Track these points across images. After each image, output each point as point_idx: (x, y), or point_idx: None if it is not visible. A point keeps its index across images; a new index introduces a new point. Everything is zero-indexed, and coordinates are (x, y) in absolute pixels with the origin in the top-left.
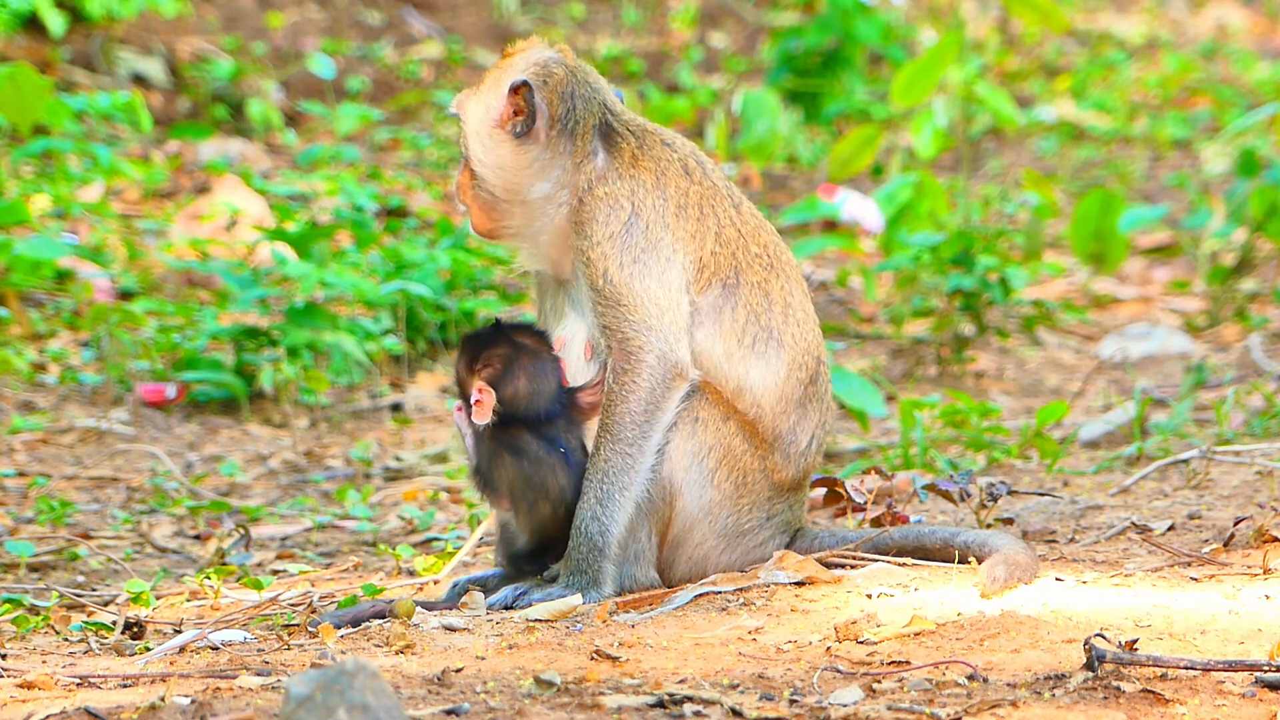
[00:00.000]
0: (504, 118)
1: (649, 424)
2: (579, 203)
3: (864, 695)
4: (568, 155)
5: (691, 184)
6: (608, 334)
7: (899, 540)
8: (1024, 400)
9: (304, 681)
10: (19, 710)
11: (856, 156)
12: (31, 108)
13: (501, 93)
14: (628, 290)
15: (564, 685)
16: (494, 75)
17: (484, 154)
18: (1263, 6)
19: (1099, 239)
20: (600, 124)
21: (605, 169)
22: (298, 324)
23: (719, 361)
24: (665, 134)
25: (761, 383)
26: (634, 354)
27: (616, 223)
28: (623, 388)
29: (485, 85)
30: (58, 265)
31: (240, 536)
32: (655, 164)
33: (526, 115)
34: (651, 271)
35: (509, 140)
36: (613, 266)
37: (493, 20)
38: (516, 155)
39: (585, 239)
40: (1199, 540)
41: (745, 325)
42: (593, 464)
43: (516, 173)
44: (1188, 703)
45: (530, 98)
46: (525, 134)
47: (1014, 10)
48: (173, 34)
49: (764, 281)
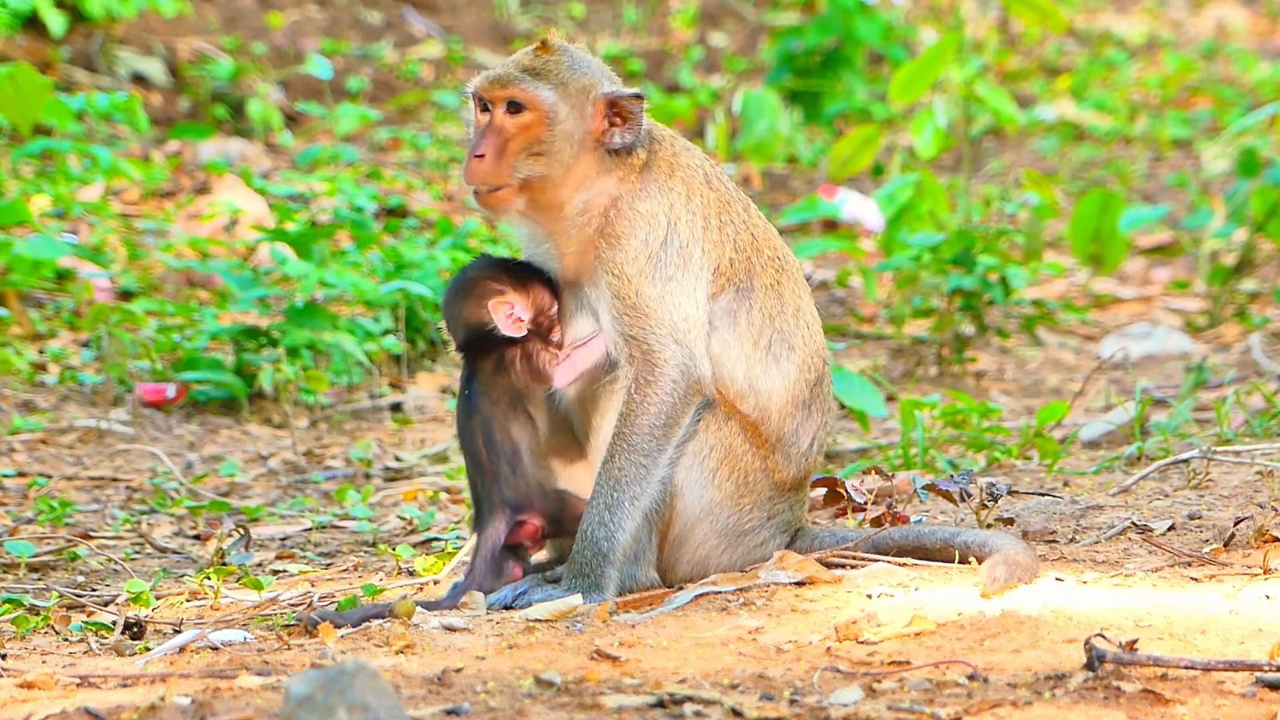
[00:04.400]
0: (598, 128)
1: (666, 436)
2: (616, 214)
3: (864, 695)
4: (622, 166)
5: (712, 192)
6: (631, 343)
7: (899, 540)
8: (1024, 400)
9: (304, 681)
10: (19, 710)
11: (857, 156)
12: (31, 108)
13: (593, 99)
14: (658, 305)
15: (564, 685)
16: (569, 75)
17: (568, 158)
18: (1263, 6)
19: (1098, 239)
20: (648, 133)
21: (646, 182)
22: (298, 324)
23: (732, 365)
24: (678, 137)
25: (771, 386)
26: (659, 366)
27: (655, 241)
28: (644, 398)
29: (565, 83)
30: (58, 265)
31: (240, 536)
32: (686, 173)
33: (626, 129)
34: (684, 289)
35: (594, 150)
36: (646, 283)
37: (493, 20)
38: (591, 166)
39: (620, 251)
40: (1199, 540)
41: (761, 329)
42: (605, 470)
43: (579, 182)
44: (1188, 703)
45: (637, 112)
46: (620, 149)
47: (1014, 10)
48: (173, 34)
49: (777, 284)
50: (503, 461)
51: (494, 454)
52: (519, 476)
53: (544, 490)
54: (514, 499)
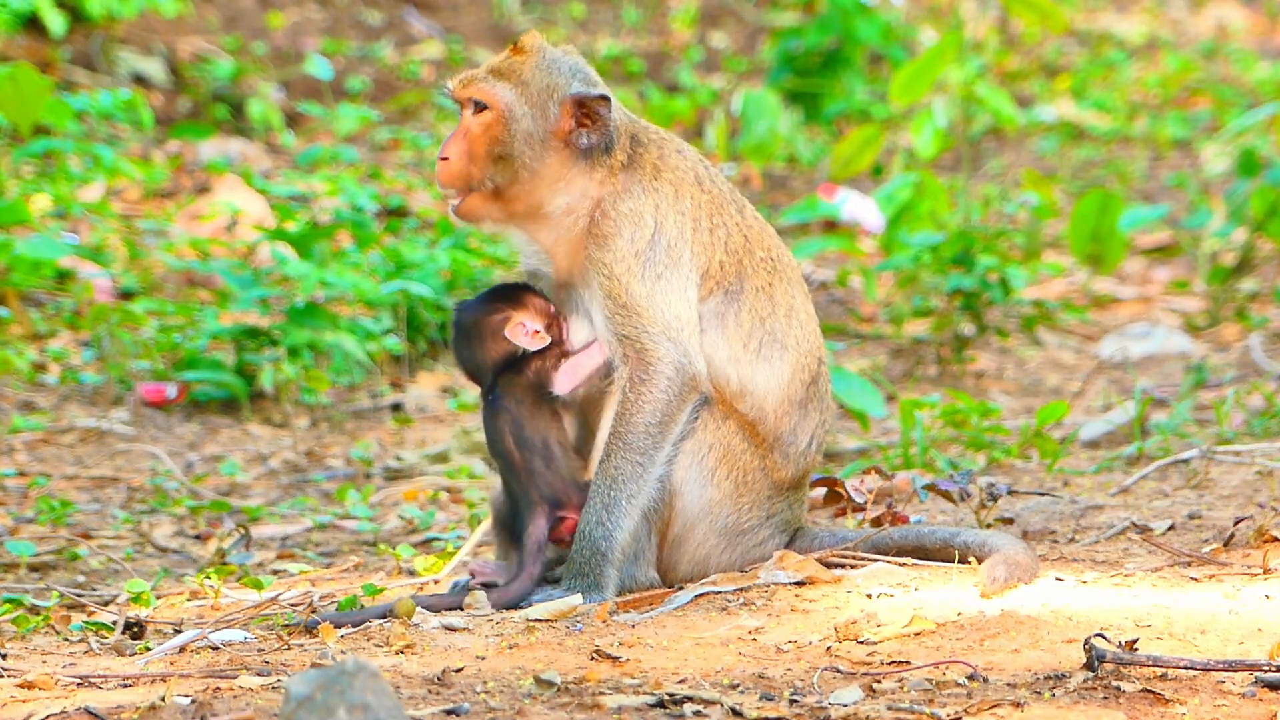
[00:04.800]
0: (563, 128)
1: (662, 435)
2: (601, 215)
3: (864, 695)
4: (601, 168)
5: (703, 194)
6: (625, 342)
7: (899, 540)
8: (1024, 400)
9: (304, 681)
10: (19, 710)
11: (857, 156)
12: (32, 108)
13: (558, 99)
14: (649, 304)
15: (564, 685)
16: (533, 75)
17: (531, 159)
18: (1263, 6)
19: (1098, 239)
20: (629, 134)
21: (629, 182)
22: (298, 324)
23: (723, 366)
24: (673, 139)
25: (765, 386)
26: (653, 364)
27: (642, 240)
28: (639, 397)
29: (526, 83)
30: (58, 265)
31: (240, 536)
32: (673, 175)
33: (594, 130)
34: (674, 287)
35: (562, 151)
36: (635, 282)
37: (493, 20)
38: (563, 167)
39: (608, 252)
40: (1199, 540)
41: (751, 330)
42: (602, 469)
43: (552, 184)
44: (1188, 703)
45: (604, 113)
46: (589, 149)
47: (1014, 10)
48: (173, 34)
49: (768, 286)
50: (536, 457)
51: (526, 451)
52: (553, 471)
53: (578, 484)
54: (551, 494)
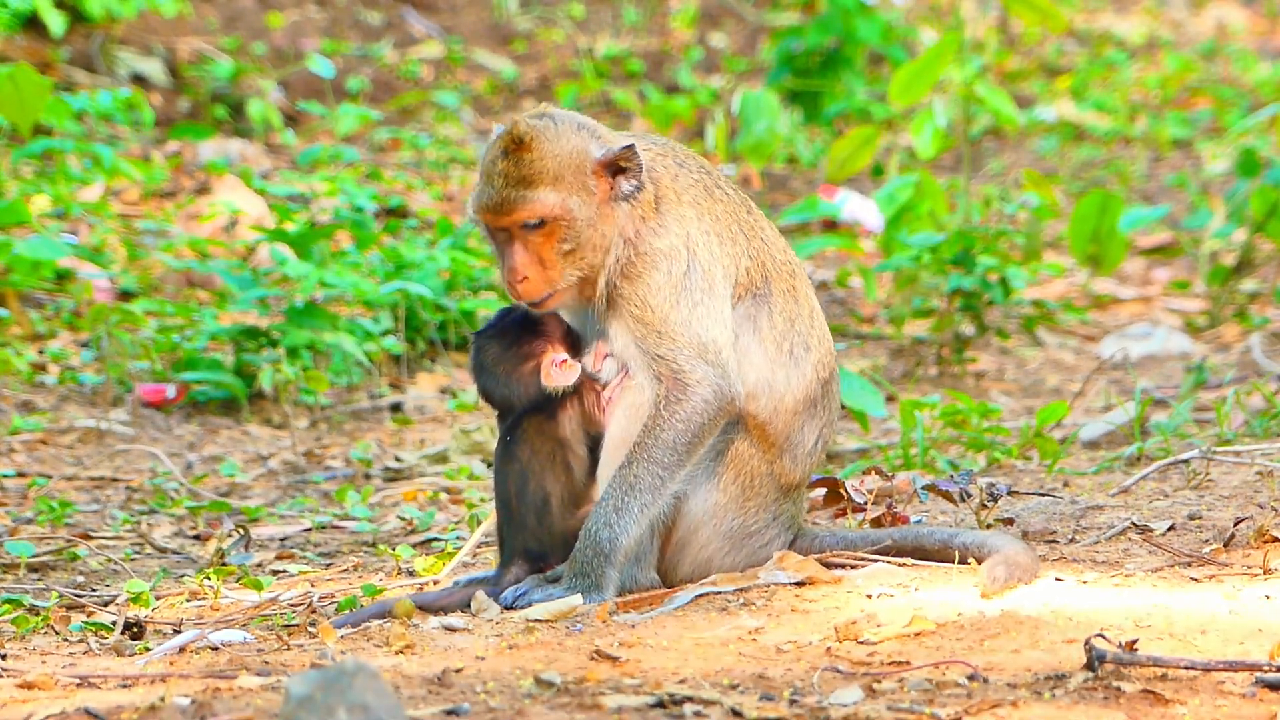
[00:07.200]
0: (605, 191)
1: (689, 454)
2: (635, 253)
3: (864, 695)
4: (636, 205)
5: (718, 205)
6: (660, 362)
7: (899, 540)
8: (1024, 400)
9: (304, 681)
10: (19, 710)
11: (856, 156)
12: (32, 108)
13: (589, 170)
14: (686, 330)
15: (564, 685)
16: (556, 164)
17: (597, 236)
18: (1263, 6)
19: (1098, 240)
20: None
21: (661, 217)
22: (298, 324)
23: (751, 370)
24: (673, 149)
25: (788, 386)
26: (691, 386)
27: (678, 272)
28: (673, 415)
29: (558, 176)
30: (58, 265)
31: (240, 537)
32: (692, 195)
33: (629, 177)
34: (711, 311)
35: (609, 208)
36: (674, 312)
37: (493, 20)
38: (615, 223)
39: (643, 285)
40: (1199, 540)
41: (784, 332)
42: (620, 474)
43: (611, 241)
44: (1188, 703)
45: (634, 160)
46: (633, 194)
47: (1014, 10)
48: (173, 34)
49: (792, 289)
50: (530, 513)
51: (524, 505)
52: (544, 529)
53: (567, 541)
54: (536, 549)
